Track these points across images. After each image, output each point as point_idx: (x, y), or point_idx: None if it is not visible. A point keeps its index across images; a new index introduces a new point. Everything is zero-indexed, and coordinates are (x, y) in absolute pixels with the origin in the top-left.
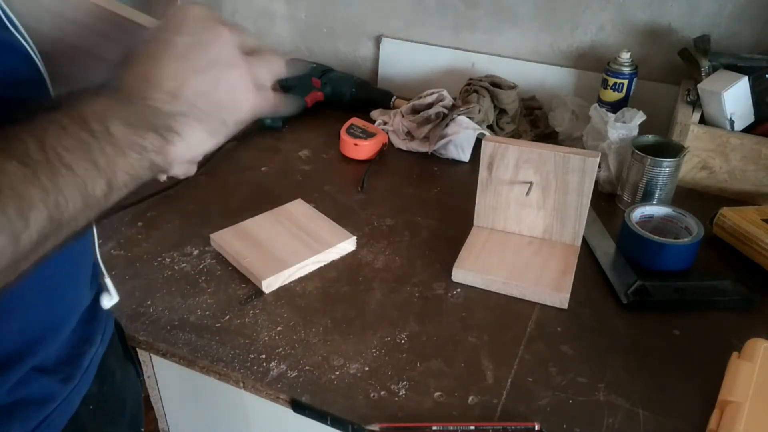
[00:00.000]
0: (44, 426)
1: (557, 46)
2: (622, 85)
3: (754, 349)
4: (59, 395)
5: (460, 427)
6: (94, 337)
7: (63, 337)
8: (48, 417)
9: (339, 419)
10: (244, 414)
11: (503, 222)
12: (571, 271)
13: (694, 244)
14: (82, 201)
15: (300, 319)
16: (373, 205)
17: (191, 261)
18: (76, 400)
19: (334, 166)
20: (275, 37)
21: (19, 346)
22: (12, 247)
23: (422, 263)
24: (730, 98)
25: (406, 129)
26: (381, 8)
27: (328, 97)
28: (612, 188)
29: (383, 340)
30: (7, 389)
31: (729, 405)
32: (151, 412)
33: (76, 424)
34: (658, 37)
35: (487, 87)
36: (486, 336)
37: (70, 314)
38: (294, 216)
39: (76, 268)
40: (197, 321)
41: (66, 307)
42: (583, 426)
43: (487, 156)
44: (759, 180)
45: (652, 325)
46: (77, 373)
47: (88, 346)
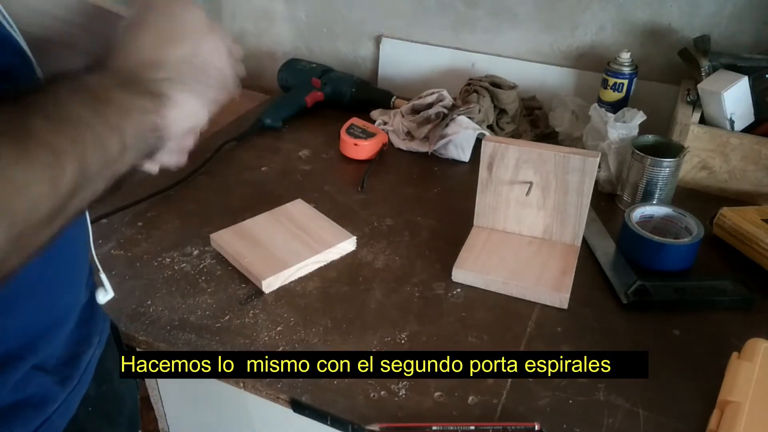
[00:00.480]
0: (44, 428)
1: (557, 46)
2: (622, 85)
3: (754, 349)
4: (59, 397)
5: (460, 427)
6: (92, 339)
7: (63, 336)
8: (48, 419)
9: (339, 419)
10: (244, 414)
11: (503, 222)
12: (571, 271)
13: (694, 244)
14: (102, 156)
15: (300, 319)
16: (373, 205)
17: (191, 261)
18: (76, 402)
19: (334, 166)
20: (275, 37)
21: (21, 343)
22: (52, 193)
23: (422, 263)
24: (730, 98)
25: (406, 129)
26: (381, 8)
27: (328, 97)
28: (612, 188)
29: (383, 340)
30: (9, 388)
31: (729, 405)
32: (151, 412)
33: (76, 426)
34: (658, 37)
35: (487, 87)
36: (486, 336)
37: (70, 312)
38: (294, 216)
39: (75, 265)
40: (197, 321)
41: (65, 304)
42: (583, 426)
43: (487, 156)
44: (759, 180)
45: (652, 325)
46: (76, 375)
47: (86, 347)
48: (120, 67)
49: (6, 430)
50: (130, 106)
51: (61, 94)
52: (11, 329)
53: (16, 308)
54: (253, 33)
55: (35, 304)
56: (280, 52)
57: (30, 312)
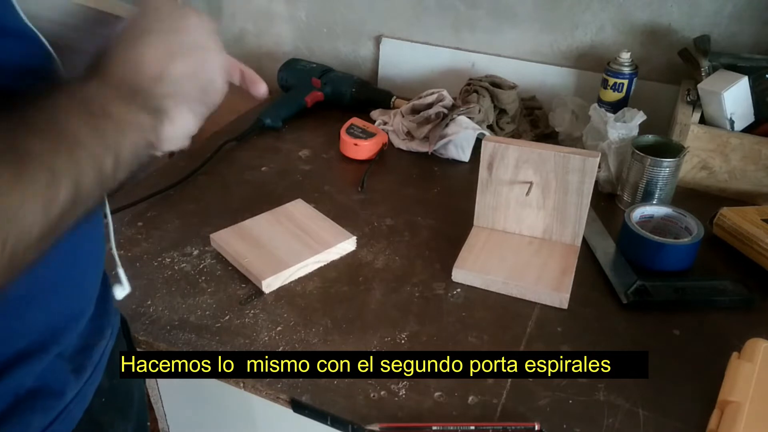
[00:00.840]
0: (63, 416)
1: (557, 46)
2: (622, 85)
3: (754, 349)
4: (74, 387)
5: (460, 427)
6: (105, 331)
7: (82, 327)
8: (66, 407)
9: (339, 419)
10: (244, 414)
11: (503, 222)
12: (571, 271)
13: (694, 244)
14: (96, 176)
15: (300, 319)
16: (373, 205)
17: (191, 261)
18: (90, 393)
19: (334, 166)
20: (275, 37)
21: (46, 334)
22: (45, 216)
23: (422, 263)
24: (730, 98)
25: (406, 129)
26: (381, 8)
27: (328, 97)
28: (612, 188)
29: (383, 340)
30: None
31: (729, 405)
32: (151, 412)
33: (90, 417)
34: (658, 37)
35: (487, 87)
36: (486, 336)
37: (89, 303)
38: (294, 216)
39: (96, 258)
40: (197, 321)
41: (86, 295)
42: (583, 426)
43: (487, 156)
44: (759, 180)
45: (652, 325)
46: (89, 365)
47: (98, 338)
48: (121, 77)
49: (29, 417)
50: (128, 123)
51: (59, 109)
52: (38, 321)
53: (42, 300)
54: (253, 33)
55: (60, 296)
56: (280, 52)
57: (55, 303)
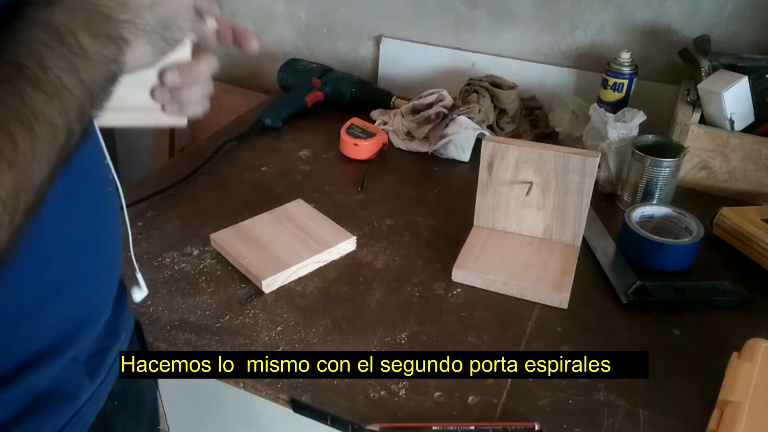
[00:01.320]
0: (76, 419)
1: (557, 46)
2: (622, 85)
3: (754, 349)
4: (88, 389)
5: (460, 427)
6: (119, 334)
7: (98, 330)
8: (79, 411)
9: (339, 419)
10: (244, 414)
11: (503, 222)
12: (571, 271)
13: (694, 244)
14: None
15: (300, 319)
16: (373, 205)
17: (191, 261)
18: (104, 395)
19: (334, 166)
20: (275, 37)
21: (62, 336)
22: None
23: (422, 263)
24: (730, 98)
25: (406, 129)
26: (381, 8)
27: (328, 97)
28: (612, 188)
29: (383, 340)
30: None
31: (729, 405)
32: None
33: (103, 419)
34: (658, 37)
35: (487, 87)
36: (486, 336)
37: (105, 305)
38: (294, 216)
39: (113, 258)
40: (197, 321)
41: (103, 297)
42: (583, 426)
43: (487, 156)
44: (759, 180)
45: (652, 325)
46: (103, 368)
47: (113, 341)
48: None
49: (41, 420)
50: (98, 56)
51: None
52: (53, 323)
53: (58, 303)
54: (253, 33)
55: (76, 299)
56: (280, 52)
57: (71, 306)
